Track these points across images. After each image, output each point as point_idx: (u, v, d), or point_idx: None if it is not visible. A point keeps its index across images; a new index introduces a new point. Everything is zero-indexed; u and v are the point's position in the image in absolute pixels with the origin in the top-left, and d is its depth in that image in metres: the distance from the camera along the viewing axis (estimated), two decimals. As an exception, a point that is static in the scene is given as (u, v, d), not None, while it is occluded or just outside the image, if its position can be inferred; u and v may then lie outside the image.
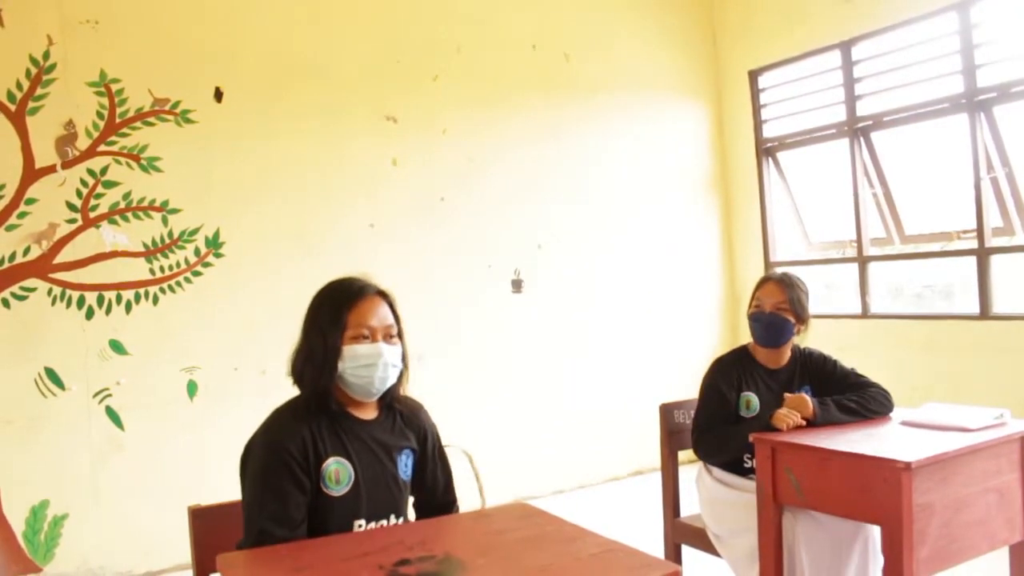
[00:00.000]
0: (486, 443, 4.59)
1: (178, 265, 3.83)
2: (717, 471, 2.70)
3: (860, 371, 2.75)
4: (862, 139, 4.77)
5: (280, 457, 1.69)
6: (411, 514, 1.95)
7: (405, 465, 1.87)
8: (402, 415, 1.93)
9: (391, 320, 1.85)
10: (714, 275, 5.56)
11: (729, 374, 2.72)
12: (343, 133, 4.25)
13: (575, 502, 4.60)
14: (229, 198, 3.94)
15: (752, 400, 2.68)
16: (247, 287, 3.89)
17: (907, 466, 2.06)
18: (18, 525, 3.48)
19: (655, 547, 2.64)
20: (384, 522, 1.80)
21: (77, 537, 3.58)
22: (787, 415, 2.47)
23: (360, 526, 1.76)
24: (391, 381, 1.84)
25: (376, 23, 4.37)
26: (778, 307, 2.68)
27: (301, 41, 4.15)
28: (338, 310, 1.79)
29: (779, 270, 2.82)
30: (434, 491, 1.95)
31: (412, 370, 2.02)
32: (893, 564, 2.10)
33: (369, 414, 1.86)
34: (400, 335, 1.89)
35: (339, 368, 1.77)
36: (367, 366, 1.77)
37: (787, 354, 2.76)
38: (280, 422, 1.76)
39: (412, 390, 4.77)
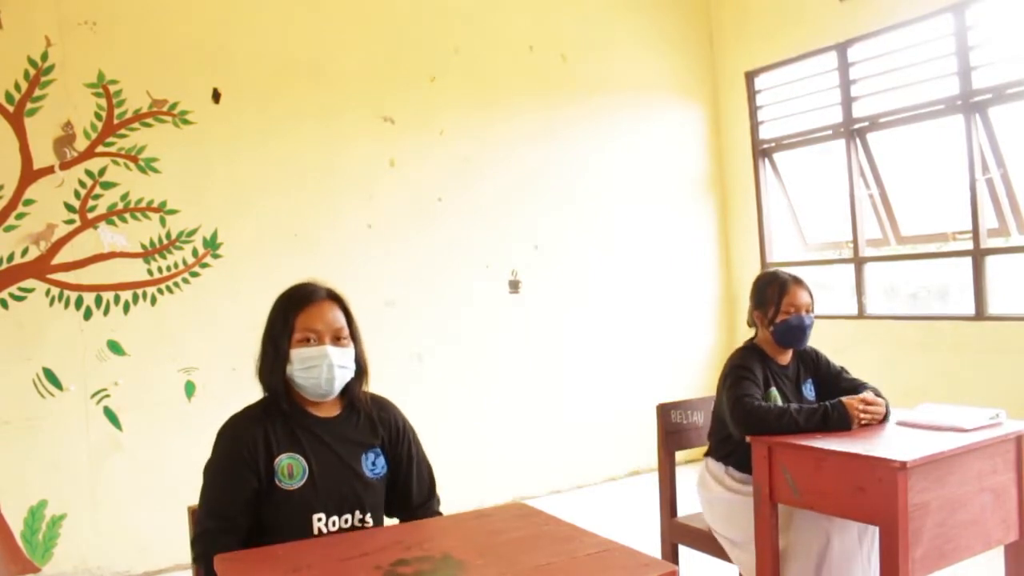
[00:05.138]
0: (484, 443, 4.60)
1: (176, 266, 3.83)
2: (732, 480, 2.64)
3: (855, 372, 2.77)
4: (858, 140, 4.78)
5: (227, 456, 1.80)
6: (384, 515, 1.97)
7: (372, 463, 1.92)
8: (369, 413, 1.97)
9: (340, 323, 1.91)
10: (711, 276, 5.57)
11: (754, 366, 2.65)
12: (341, 134, 4.25)
13: (573, 502, 4.61)
14: (227, 199, 3.95)
15: (778, 397, 2.64)
16: (245, 288, 3.89)
17: (903, 466, 2.07)
18: (16, 525, 3.48)
19: (652, 547, 2.65)
20: (348, 517, 1.85)
21: (75, 537, 3.58)
22: (860, 406, 2.46)
23: (320, 520, 1.82)
24: (340, 381, 1.89)
25: (374, 24, 4.38)
26: (809, 309, 2.70)
27: (299, 42, 4.16)
28: (287, 315, 1.89)
29: (783, 270, 2.82)
30: (408, 492, 1.98)
31: (411, 370, 2.05)
32: (889, 564, 2.11)
33: (329, 412, 1.93)
34: (354, 337, 1.94)
35: (288, 371, 1.86)
36: (312, 367, 1.85)
37: (790, 349, 2.77)
38: (233, 423, 1.86)
39: (411, 390, 4.76)
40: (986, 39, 4.11)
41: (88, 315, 3.65)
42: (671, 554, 2.86)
